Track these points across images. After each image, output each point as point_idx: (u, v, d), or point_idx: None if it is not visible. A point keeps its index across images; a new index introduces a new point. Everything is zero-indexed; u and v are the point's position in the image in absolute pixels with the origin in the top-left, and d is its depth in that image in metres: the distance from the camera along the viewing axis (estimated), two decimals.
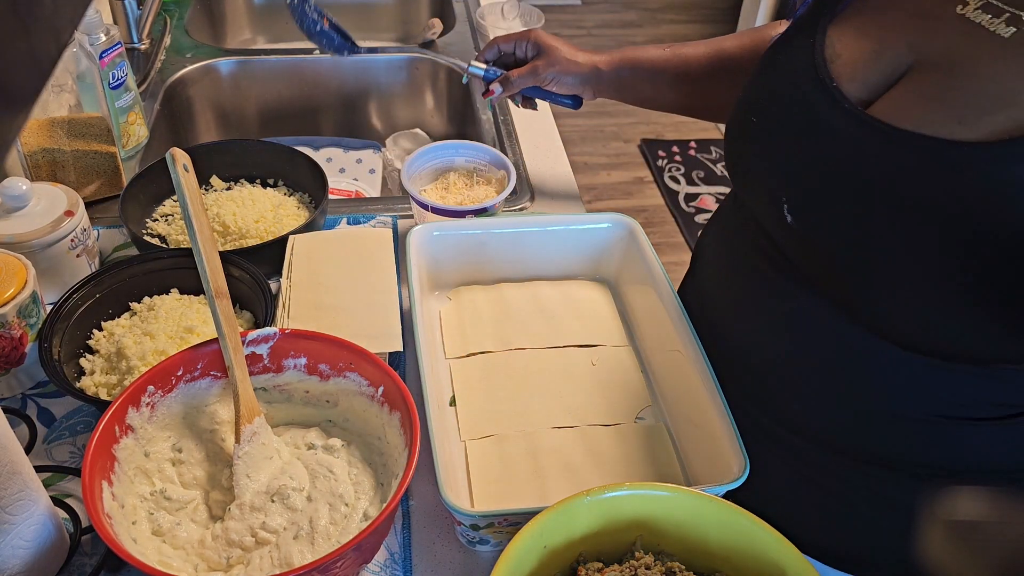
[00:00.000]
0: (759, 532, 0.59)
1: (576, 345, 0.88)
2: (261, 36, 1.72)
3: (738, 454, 0.68)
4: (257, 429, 0.69)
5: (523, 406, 0.81)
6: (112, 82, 1.11)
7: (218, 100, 1.47)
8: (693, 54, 0.96)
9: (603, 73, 0.98)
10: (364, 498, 0.68)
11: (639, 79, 0.98)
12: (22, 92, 0.29)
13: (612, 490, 0.61)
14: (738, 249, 0.77)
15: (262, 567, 0.64)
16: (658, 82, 0.97)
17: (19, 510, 0.60)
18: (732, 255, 0.79)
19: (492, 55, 1.02)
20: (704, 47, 0.96)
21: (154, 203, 1.05)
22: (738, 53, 0.94)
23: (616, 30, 3.80)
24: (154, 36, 1.43)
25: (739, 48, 0.94)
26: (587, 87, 0.99)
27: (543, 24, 1.57)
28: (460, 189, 1.03)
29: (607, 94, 1.00)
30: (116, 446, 0.65)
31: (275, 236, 0.98)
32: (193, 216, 0.68)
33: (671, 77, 0.96)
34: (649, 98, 1.00)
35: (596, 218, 0.94)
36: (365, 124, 1.57)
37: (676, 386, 0.81)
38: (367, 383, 0.72)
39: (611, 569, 0.61)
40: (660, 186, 2.88)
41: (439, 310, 0.92)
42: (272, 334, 0.73)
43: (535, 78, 0.98)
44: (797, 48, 0.69)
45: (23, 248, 0.85)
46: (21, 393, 0.83)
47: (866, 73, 0.64)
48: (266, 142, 1.12)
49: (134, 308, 0.87)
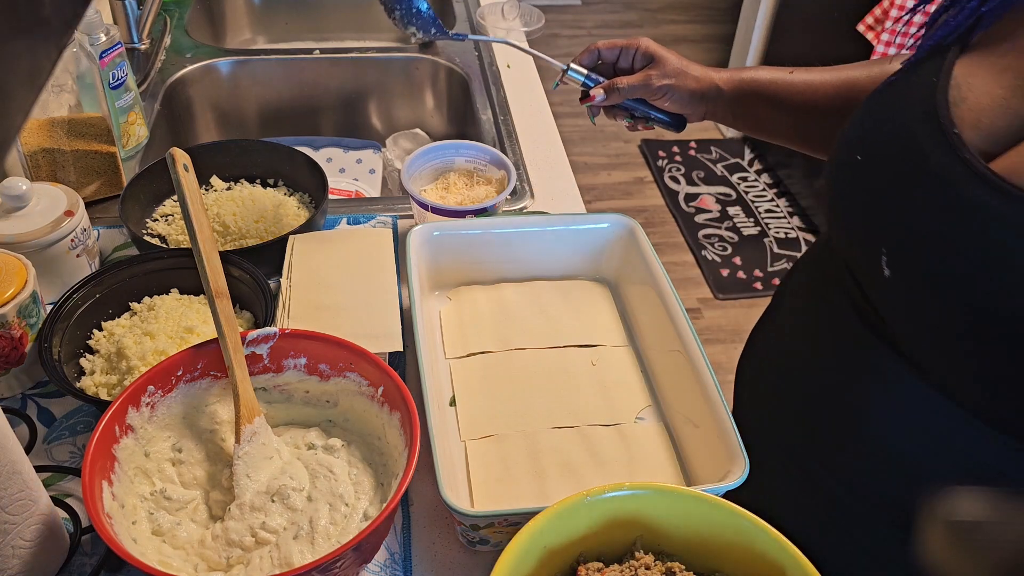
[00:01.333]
0: (759, 532, 0.59)
1: (576, 345, 0.88)
2: (261, 36, 1.72)
3: (738, 454, 0.68)
4: (257, 429, 0.70)
5: (523, 406, 0.81)
6: (112, 82, 1.11)
7: (218, 100, 1.47)
8: (820, 82, 0.86)
9: (723, 93, 0.89)
10: (364, 498, 0.68)
11: (761, 104, 0.88)
12: (22, 92, 0.29)
13: (612, 490, 0.61)
14: (825, 294, 0.72)
15: (262, 567, 0.64)
16: (781, 110, 0.88)
17: (19, 510, 0.60)
18: (817, 299, 0.74)
19: (590, 60, 0.92)
20: (831, 76, 0.86)
21: (154, 203, 1.05)
22: (868, 85, 0.83)
23: (616, 30, 3.80)
24: (154, 36, 1.43)
25: (869, 80, 0.84)
26: (701, 105, 0.90)
27: (543, 24, 1.58)
28: (460, 189, 1.03)
29: (720, 117, 0.91)
30: (116, 446, 0.65)
31: (275, 236, 0.98)
32: (193, 216, 0.68)
33: (796, 106, 0.87)
34: (767, 126, 0.91)
35: (596, 218, 0.94)
36: (365, 124, 1.57)
37: (676, 386, 0.81)
38: (367, 383, 0.72)
39: (611, 569, 0.61)
40: (660, 186, 2.88)
41: (439, 310, 0.92)
42: (272, 334, 0.73)
43: (647, 89, 0.89)
44: (916, 84, 0.62)
45: (23, 248, 0.85)
46: (21, 393, 0.83)
47: (993, 121, 0.57)
48: (266, 142, 1.12)
49: (134, 308, 0.87)
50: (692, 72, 0.89)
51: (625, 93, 0.89)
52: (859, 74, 0.85)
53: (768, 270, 2.56)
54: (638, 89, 0.89)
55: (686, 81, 0.88)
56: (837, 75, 0.86)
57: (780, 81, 0.88)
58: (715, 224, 2.72)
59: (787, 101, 0.87)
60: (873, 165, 0.63)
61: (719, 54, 3.56)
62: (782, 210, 2.79)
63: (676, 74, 0.88)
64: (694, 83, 0.88)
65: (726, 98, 0.89)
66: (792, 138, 0.91)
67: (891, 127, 0.62)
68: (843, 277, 0.69)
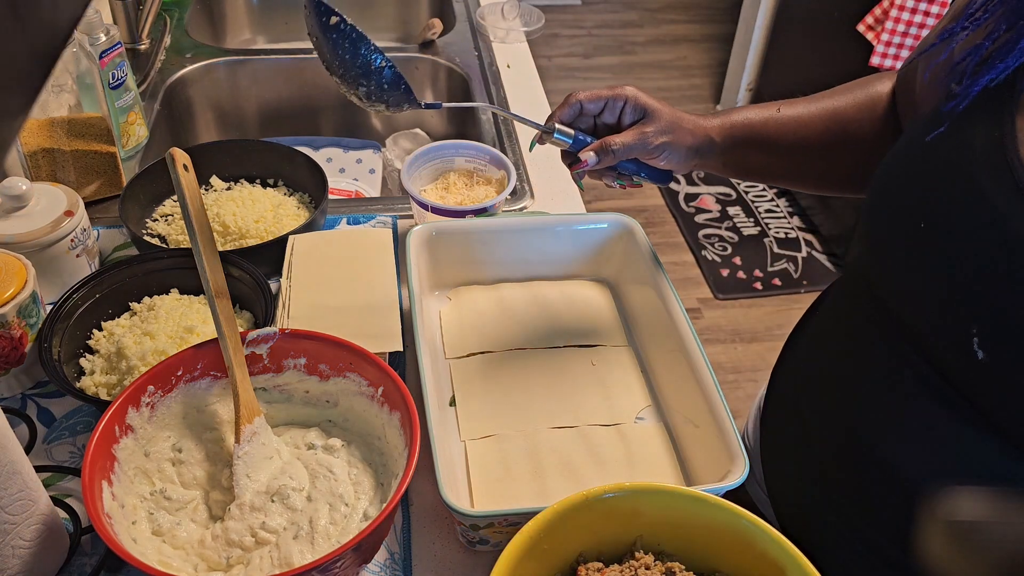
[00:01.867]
0: (759, 532, 0.59)
1: (576, 345, 0.88)
2: (261, 36, 1.72)
3: (738, 454, 0.68)
4: (257, 429, 0.70)
5: (523, 406, 0.81)
6: (112, 82, 1.11)
7: (218, 100, 1.47)
8: (808, 117, 0.81)
9: (716, 144, 0.81)
10: (364, 498, 0.68)
11: (753, 150, 0.82)
12: (22, 92, 0.29)
13: (612, 490, 0.61)
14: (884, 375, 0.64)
15: (262, 567, 0.64)
16: (773, 153, 0.82)
17: (19, 510, 0.60)
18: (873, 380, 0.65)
19: (570, 115, 0.79)
20: (817, 108, 0.81)
21: (154, 203, 1.05)
22: (856, 115, 0.80)
23: (616, 30, 3.80)
24: (154, 36, 1.43)
25: (855, 108, 0.80)
26: (694, 160, 0.81)
27: (543, 24, 1.57)
28: (460, 189, 1.03)
29: (709, 167, 0.84)
30: (116, 446, 0.65)
31: (275, 236, 0.98)
32: (193, 216, 0.68)
33: (788, 146, 0.82)
34: (758, 170, 0.85)
35: (596, 218, 0.94)
36: (365, 124, 1.57)
37: (676, 386, 0.81)
38: (367, 383, 0.72)
39: (611, 569, 0.61)
40: (660, 186, 2.88)
41: (439, 310, 0.92)
42: (272, 334, 0.73)
43: (643, 149, 0.77)
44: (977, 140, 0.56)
45: (23, 248, 0.85)
46: (21, 393, 0.83)
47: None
48: (266, 142, 1.12)
49: (134, 308, 0.87)
50: (686, 125, 0.79)
51: (620, 155, 0.77)
52: (844, 103, 0.81)
53: (768, 270, 2.56)
54: (634, 149, 0.77)
55: (682, 137, 0.79)
56: (822, 106, 0.82)
57: (771, 121, 0.82)
58: (715, 224, 2.72)
59: (779, 142, 0.82)
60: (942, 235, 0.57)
61: (719, 54, 3.56)
62: (782, 210, 2.79)
63: (672, 129, 0.78)
64: (690, 138, 0.79)
65: (719, 149, 0.82)
66: (785, 178, 0.86)
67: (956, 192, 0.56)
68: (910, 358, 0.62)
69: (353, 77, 0.73)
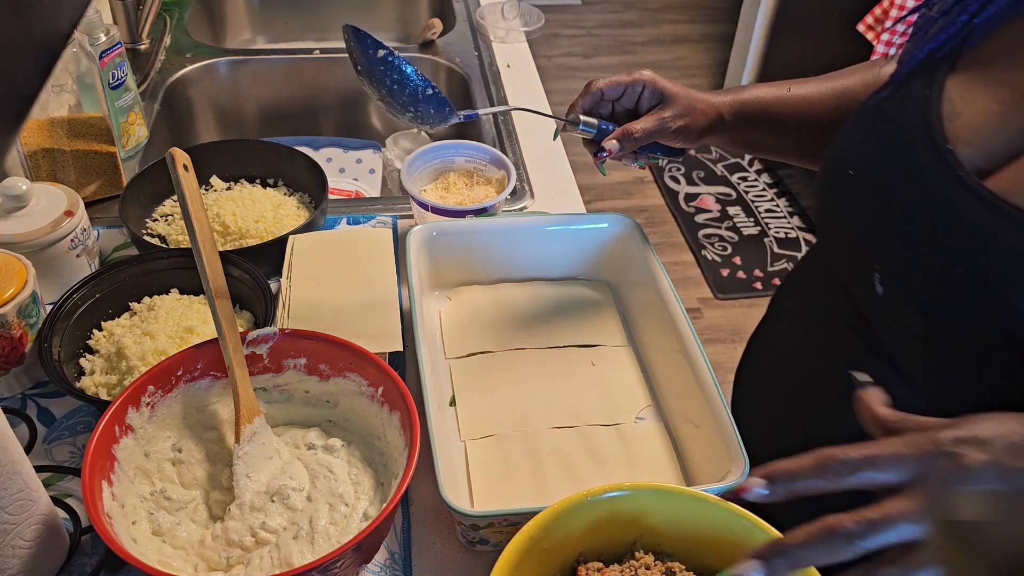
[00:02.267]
0: (759, 532, 0.59)
1: (576, 345, 0.88)
2: (261, 36, 1.72)
3: (738, 454, 0.68)
4: (257, 429, 0.70)
5: (523, 406, 0.81)
6: (112, 82, 1.11)
7: (218, 100, 1.47)
8: (818, 96, 0.83)
9: (725, 121, 0.84)
10: (364, 498, 0.68)
11: (762, 125, 0.85)
12: (22, 92, 0.29)
13: (612, 490, 0.61)
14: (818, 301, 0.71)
15: (262, 567, 0.64)
16: (782, 129, 0.85)
17: (19, 510, 0.60)
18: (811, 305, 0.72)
19: (591, 103, 0.82)
20: (826, 87, 0.84)
21: (154, 203, 1.05)
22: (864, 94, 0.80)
23: (616, 30, 3.80)
24: (154, 36, 1.43)
25: (863, 87, 0.82)
26: (706, 137, 0.85)
27: (543, 24, 1.58)
28: (460, 189, 1.03)
29: (720, 142, 0.87)
30: (116, 446, 0.65)
31: (275, 236, 0.98)
32: (193, 216, 0.68)
33: (798, 124, 0.84)
34: (766, 145, 0.88)
35: (596, 218, 0.94)
36: (365, 124, 1.57)
37: (676, 386, 0.81)
38: (367, 383, 0.72)
39: (611, 569, 0.61)
40: (660, 186, 2.88)
41: (439, 310, 0.92)
42: (272, 334, 0.73)
43: (664, 133, 0.81)
44: (908, 99, 0.60)
45: (23, 248, 0.85)
46: (21, 393, 0.83)
47: (988, 138, 0.55)
48: (266, 142, 1.12)
49: (134, 308, 0.87)
50: (699, 106, 0.82)
51: (641, 140, 0.80)
52: (853, 82, 0.83)
53: (768, 270, 2.56)
54: (654, 134, 0.81)
55: (697, 118, 0.82)
56: (831, 86, 0.84)
57: (781, 100, 0.84)
58: (715, 224, 2.72)
59: (789, 120, 0.84)
60: (866, 179, 0.62)
61: (719, 54, 3.56)
62: (782, 210, 2.79)
63: (688, 111, 0.82)
64: (703, 118, 0.82)
65: (728, 125, 0.84)
66: (792, 154, 0.89)
67: (884, 142, 0.61)
68: (834, 287, 0.68)
69: (402, 104, 0.76)
